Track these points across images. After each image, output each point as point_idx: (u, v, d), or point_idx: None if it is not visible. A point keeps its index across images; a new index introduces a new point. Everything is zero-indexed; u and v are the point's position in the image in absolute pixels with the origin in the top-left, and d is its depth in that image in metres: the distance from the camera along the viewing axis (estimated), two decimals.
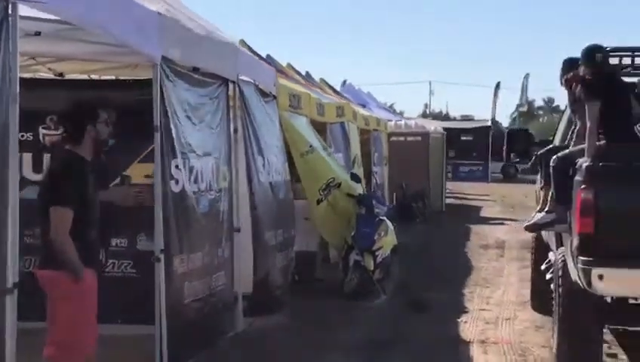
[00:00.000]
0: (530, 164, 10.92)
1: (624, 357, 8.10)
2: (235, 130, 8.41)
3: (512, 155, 11.12)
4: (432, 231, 18.68)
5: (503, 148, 49.78)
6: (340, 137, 14.19)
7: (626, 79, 8.32)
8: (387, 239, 11.24)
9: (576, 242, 7.08)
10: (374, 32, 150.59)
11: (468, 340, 8.58)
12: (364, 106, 20.20)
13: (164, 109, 6.63)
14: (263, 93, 9.47)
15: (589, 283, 6.93)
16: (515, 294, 11.34)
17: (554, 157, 8.01)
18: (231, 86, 8.33)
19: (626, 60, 8.62)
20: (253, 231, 8.65)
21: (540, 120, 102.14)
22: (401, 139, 23.35)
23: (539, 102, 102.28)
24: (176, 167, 6.77)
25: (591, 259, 6.93)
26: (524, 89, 62.25)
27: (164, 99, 6.62)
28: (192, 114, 7.19)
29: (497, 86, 53.84)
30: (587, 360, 7.47)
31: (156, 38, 6.34)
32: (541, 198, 8.54)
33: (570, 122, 8.88)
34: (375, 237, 10.98)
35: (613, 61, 8.31)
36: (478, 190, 36.73)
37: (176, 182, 6.76)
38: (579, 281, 7.13)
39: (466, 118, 52.38)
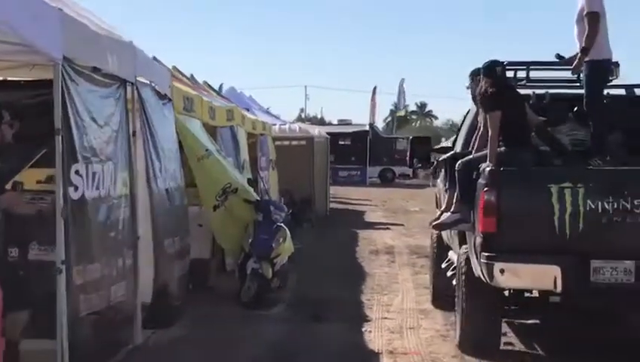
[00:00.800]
0: (431, 168, 11.97)
1: (522, 345, 8.93)
2: (134, 134, 8.10)
3: (414, 160, 11.69)
4: (321, 237, 18.63)
5: (381, 152, 50.78)
6: (230, 141, 14.02)
7: (522, 91, 9.21)
8: (285, 246, 11.04)
9: (479, 240, 7.87)
10: (247, 34, 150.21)
11: (376, 351, 8.42)
12: (247, 110, 20.00)
13: (66, 111, 6.25)
14: (160, 95, 9.16)
15: (492, 277, 7.73)
16: (413, 301, 11.40)
17: (459, 162, 8.73)
18: (129, 87, 7.99)
19: (521, 73, 9.65)
20: (153, 239, 8.29)
21: (414, 124, 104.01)
22: (286, 143, 23.22)
23: (412, 107, 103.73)
24: (77, 172, 6.42)
25: (493, 254, 7.72)
26: (400, 94, 63.14)
27: (66, 100, 6.24)
28: (96, 116, 6.84)
29: (374, 91, 54.48)
30: (488, 347, 8.28)
31: (58, 35, 5.96)
32: (446, 200, 9.16)
33: (471, 129, 9.52)
34: (273, 244, 10.79)
35: (509, 74, 9.22)
36: (359, 194, 37.17)
37: (75, 188, 6.40)
38: (481, 276, 7.91)
39: (344, 123, 52.67)
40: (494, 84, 8.54)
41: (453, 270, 9.61)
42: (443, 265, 10.29)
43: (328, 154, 25.81)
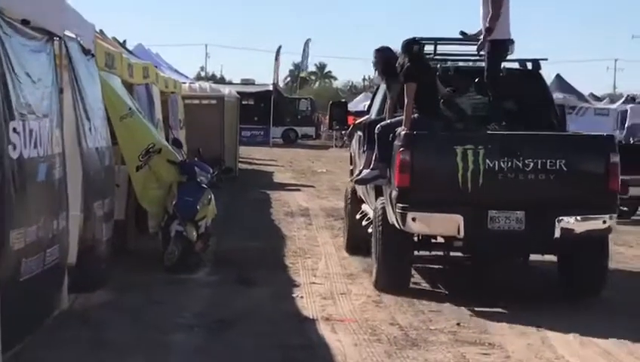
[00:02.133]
0: (348, 130, 13.83)
1: (426, 285, 10.41)
2: (62, 91, 7.75)
3: (333, 123, 13.41)
4: (234, 199, 18.49)
5: (284, 112, 50.62)
6: (146, 100, 13.70)
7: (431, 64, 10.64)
8: (209, 208, 10.79)
9: (395, 193, 9.34)
10: None
11: (311, 317, 8.35)
12: (156, 68, 19.55)
13: (0, 65, 5.89)
14: (85, 51, 8.80)
15: (405, 224, 9.22)
16: (338, 265, 11.41)
17: (378, 125, 10.13)
18: (56, 42, 7.63)
19: (429, 48, 10.99)
20: (82, 200, 8.01)
21: (313, 85, 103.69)
22: (196, 102, 22.82)
23: (311, 68, 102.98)
24: (14, 130, 6.05)
25: (407, 205, 9.20)
26: (305, 54, 62.84)
27: (0, 54, 5.89)
28: (29, 71, 6.52)
29: (278, 50, 53.94)
30: (399, 284, 9.72)
31: None
32: (363, 159, 10.69)
33: (384, 97, 11.05)
34: (198, 206, 10.57)
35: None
36: (263, 155, 37.14)
37: (14, 147, 6.05)
38: (396, 223, 9.41)
39: (247, 82, 52.19)
40: (411, 59, 9.89)
41: (367, 220, 11.07)
42: (357, 216, 11.70)
43: (238, 114, 25.43)
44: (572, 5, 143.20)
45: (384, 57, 10.58)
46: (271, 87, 51.67)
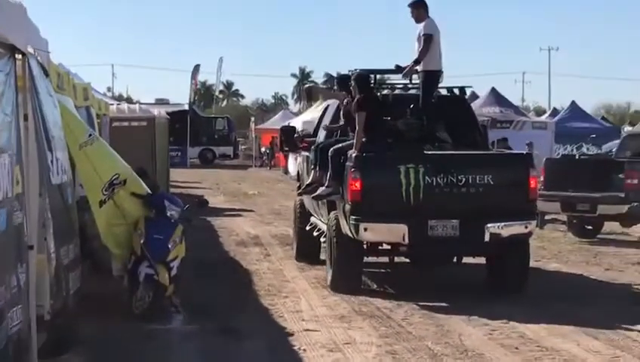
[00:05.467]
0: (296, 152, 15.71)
1: (375, 286, 11.84)
2: (26, 118, 6.45)
3: (284, 147, 14.80)
4: None
5: (201, 132, 49.18)
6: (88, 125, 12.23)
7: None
8: (182, 247, 9.45)
9: (348, 207, 10.94)
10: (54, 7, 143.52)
11: None
12: None
13: None
14: (44, 70, 7.46)
15: (358, 233, 10.83)
16: (323, 305, 10.63)
17: (331, 149, 11.67)
18: (19, 59, 6.29)
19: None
20: (48, 248, 6.66)
21: (221, 104, 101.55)
22: (125, 124, 21.23)
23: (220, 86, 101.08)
24: None
25: (359, 217, 10.80)
26: (218, 73, 61.51)
27: None
28: None
29: (196, 69, 52.41)
30: (353, 286, 11.17)
31: None
32: (311, 176, 12.26)
33: (333, 122, 13.21)
34: (169, 245, 9.37)
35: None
36: (185, 177, 35.77)
37: None
38: (349, 233, 11.03)
39: (161, 102, 50.48)
40: (362, 91, 11.64)
41: (318, 231, 12.95)
42: (307, 228, 13.45)
43: (168, 135, 24.00)
44: (479, 20, 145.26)
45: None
46: (186, 107, 50.22)
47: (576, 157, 21.80)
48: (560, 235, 17.53)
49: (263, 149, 53.21)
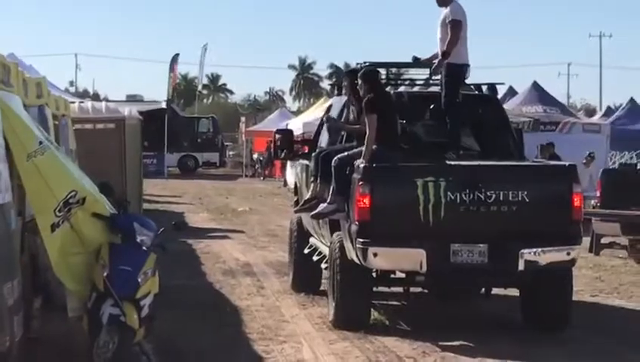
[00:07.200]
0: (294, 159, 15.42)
1: (387, 322, 11.74)
2: None
3: (279, 152, 14.69)
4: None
5: (181, 135, 49.05)
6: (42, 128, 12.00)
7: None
8: (155, 280, 9.18)
9: (354, 227, 10.74)
10: None
11: None
12: None
13: None
14: None
15: (366, 260, 10.63)
16: (330, 353, 10.32)
17: (335, 158, 11.41)
18: None
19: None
20: None
21: (205, 101, 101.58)
22: (88, 126, 21.04)
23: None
24: None
25: (368, 240, 10.60)
26: (201, 64, 61.23)
27: None
28: None
29: (174, 59, 52.07)
30: (359, 321, 11.11)
31: None
32: (311, 189, 12.07)
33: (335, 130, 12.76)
34: (139, 278, 9.07)
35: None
36: (163, 189, 35.68)
37: None
38: (355, 258, 10.84)
39: (134, 99, 50.50)
40: (372, 89, 11.44)
41: (318, 255, 12.85)
42: (306, 251, 13.44)
43: (141, 140, 23.84)
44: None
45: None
46: (164, 105, 50.10)
47: (639, 167, 21.62)
48: (620, 263, 17.29)
49: (255, 156, 53.23)
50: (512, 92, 30.93)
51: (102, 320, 8.88)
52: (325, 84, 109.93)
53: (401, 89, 12.97)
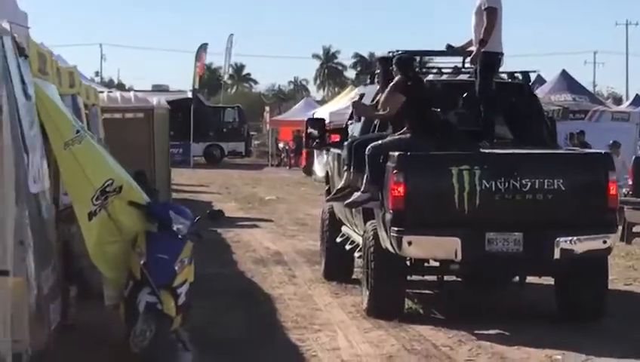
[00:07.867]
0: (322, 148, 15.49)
1: (421, 310, 11.92)
2: (0, 110, 6.21)
3: (311, 141, 14.68)
4: None
5: (207, 125, 49.09)
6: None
7: None
8: (191, 269, 9.22)
9: (389, 216, 10.76)
10: None
11: None
12: None
13: None
14: (20, 50, 7.32)
15: (400, 248, 10.63)
16: (365, 341, 10.31)
17: (369, 146, 11.34)
18: None
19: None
20: (27, 272, 6.87)
21: (229, 90, 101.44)
22: (117, 116, 21.10)
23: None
24: None
25: (402, 229, 10.61)
26: (227, 54, 61.25)
27: None
28: None
29: (201, 49, 52.12)
30: (393, 310, 11.13)
31: None
32: (344, 177, 12.00)
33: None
34: (176, 266, 9.07)
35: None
36: (189, 178, 35.75)
37: None
38: (389, 247, 10.86)
39: (159, 89, 50.43)
40: (405, 75, 11.42)
41: (351, 243, 12.86)
42: (338, 239, 13.48)
43: (169, 129, 23.86)
44: None
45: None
46: (189, 94, 50.17)
47: None
48: None
49: (281, 145, 53.21)
50: (540, 80, 30.85)
51: (139, 308, 8.88)
52: (349, 74, 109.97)
53: (430, 77, 12.99)
